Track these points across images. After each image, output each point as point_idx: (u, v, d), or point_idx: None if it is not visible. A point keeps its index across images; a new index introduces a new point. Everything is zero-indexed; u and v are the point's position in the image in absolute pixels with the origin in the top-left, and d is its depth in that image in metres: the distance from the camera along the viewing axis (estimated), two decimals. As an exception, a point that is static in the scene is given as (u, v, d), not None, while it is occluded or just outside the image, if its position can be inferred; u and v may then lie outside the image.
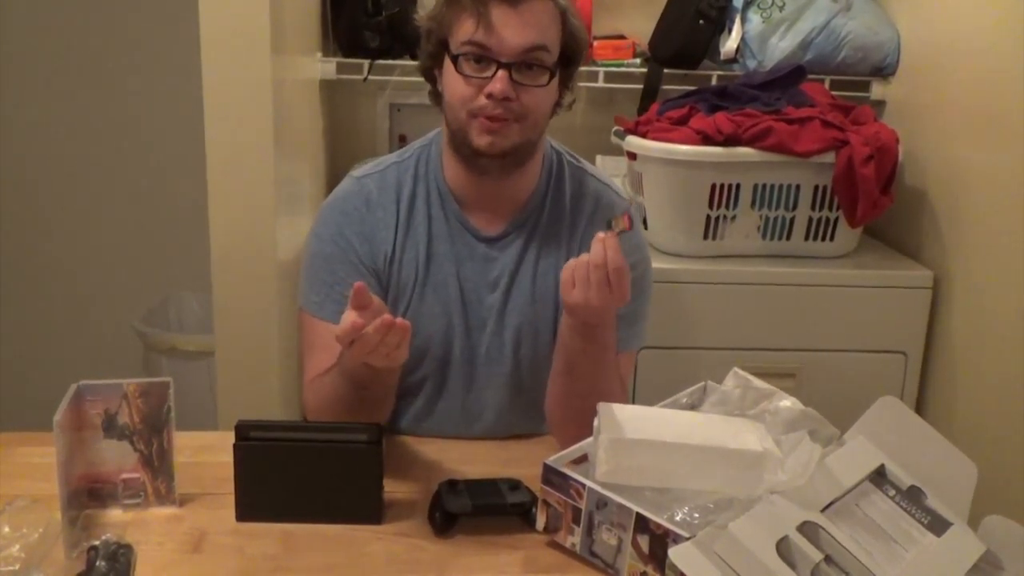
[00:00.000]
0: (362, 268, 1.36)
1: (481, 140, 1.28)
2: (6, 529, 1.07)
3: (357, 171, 1.43)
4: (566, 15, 1.30)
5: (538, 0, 1.26)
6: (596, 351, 1.27)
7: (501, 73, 1.25)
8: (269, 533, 1.13)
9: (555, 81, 1.31)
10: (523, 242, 1.40)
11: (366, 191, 1.39)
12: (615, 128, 2.25)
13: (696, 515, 1.01)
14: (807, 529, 0.97)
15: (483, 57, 1.26)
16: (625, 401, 1.36)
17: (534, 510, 1.12)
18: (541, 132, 1.35)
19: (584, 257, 1.18)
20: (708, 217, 2.05)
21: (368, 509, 1.16)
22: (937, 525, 1.05)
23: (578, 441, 1.17)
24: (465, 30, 1.26)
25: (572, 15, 1.31)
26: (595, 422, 1.10)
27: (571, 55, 1.32)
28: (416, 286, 1.38)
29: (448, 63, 1.29)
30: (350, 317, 1.11)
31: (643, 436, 1.08)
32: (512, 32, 1.24)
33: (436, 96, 1.37)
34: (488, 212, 1.39)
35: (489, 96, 1.26)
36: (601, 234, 1.18)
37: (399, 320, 1.10)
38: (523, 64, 1.26)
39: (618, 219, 1.18)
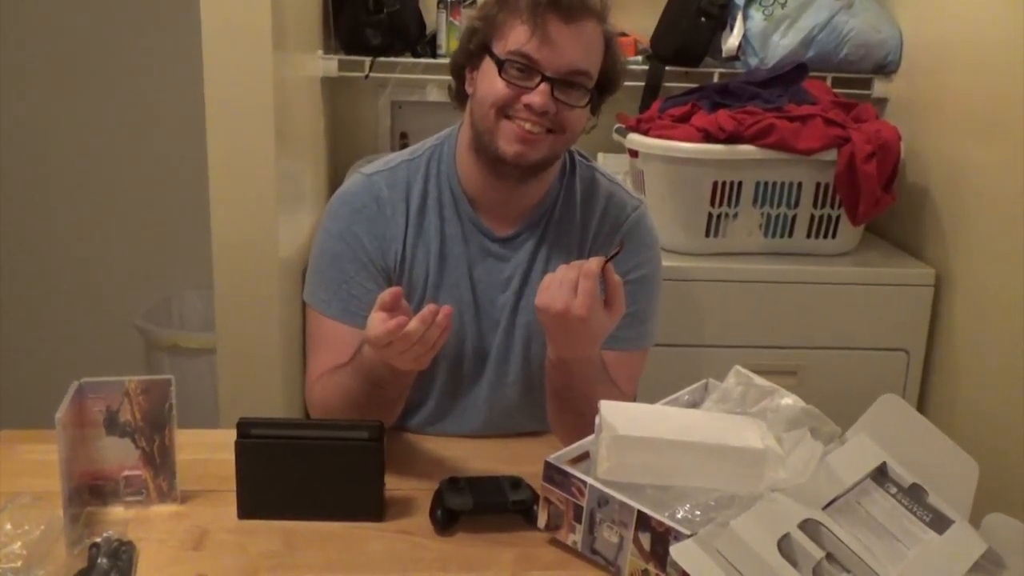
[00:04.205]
0: (371, 267, 1.35)
1: (510, 148, 1.28)
2: (8, 526, 1.07)
3: (366, 168, 1.42)
4: (611, 43, 1.31)
5: (590, 22, 1.26)
6: (581, 370, 1.25)
7: (544, 86, 1.25)
8: (270, 530, 1.13)
9: (589, 104, 1.31)
10: (535, 241, 1.39)
11: (376, 189, 1.37)
12: (617, 125, 2.25)
13: (697, 513, 1.01)
14: (808, 527, 0.97)
15: (530, 68, 1.25)
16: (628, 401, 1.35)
17: (535, 508, 1.12)
18: (567, 149, 1.36)
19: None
20: (710, 215, 2.05)
21: (369, 506, 1.16)
22: (939, 523, 1.05)
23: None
24: (517, 37, 1.25)
25: (615, 46, 1.32)
26: (596, 420, 1.10)
27: (607, 83, 1.33)
28: (428, 287, 1.37)
29: (487, 63, 1.29)
30: (383, 318, 1.11)
31: (644, 434, 1.07)
32: (564, 49, 1.25)
33: (459, 95, 1.37)
34: (501, 213, 1.39)
35: (527, 106, 1.26)
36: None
37: (444, 307, 1.11)
38: (565, 82, 1.26)
39: (615, 247, 1.20)
